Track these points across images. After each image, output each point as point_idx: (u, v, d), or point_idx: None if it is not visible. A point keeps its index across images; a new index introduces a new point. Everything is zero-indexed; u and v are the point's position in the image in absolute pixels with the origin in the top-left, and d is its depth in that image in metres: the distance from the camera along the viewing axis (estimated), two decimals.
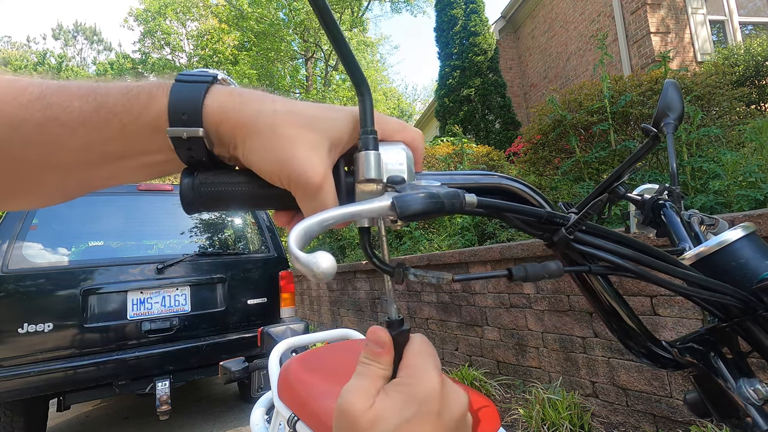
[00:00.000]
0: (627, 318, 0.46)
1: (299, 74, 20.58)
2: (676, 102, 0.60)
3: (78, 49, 29.28)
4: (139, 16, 20.53)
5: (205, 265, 2.95)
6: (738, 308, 0.42)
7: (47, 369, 2.33)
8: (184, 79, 0.30)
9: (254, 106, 0.30)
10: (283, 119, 0.30)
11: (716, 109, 3.48)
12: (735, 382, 0.43)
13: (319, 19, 0.28)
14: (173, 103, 0.29)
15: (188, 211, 0.33)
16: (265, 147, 0.29)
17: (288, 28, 18.38)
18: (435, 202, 0.27)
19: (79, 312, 2.49)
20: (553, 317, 2.41)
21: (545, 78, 9.08)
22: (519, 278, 0.33)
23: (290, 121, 0.30)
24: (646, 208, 0.61)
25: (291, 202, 0.33)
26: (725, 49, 5.72)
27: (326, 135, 0.31)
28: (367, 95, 0.30)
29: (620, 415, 2.09)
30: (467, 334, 3.08)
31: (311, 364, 1.09)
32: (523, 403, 2.42)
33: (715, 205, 2.31)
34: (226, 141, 0.30)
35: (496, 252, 2.68)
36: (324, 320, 5.69)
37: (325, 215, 0.26)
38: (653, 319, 1.91)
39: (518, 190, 0.39)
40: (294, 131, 0.30)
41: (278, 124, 0.30)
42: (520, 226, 0.37)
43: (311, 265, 0.23)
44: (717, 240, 0.45)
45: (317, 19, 0.28)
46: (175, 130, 0.29)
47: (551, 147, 3.89)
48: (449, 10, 9.14)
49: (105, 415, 3.44)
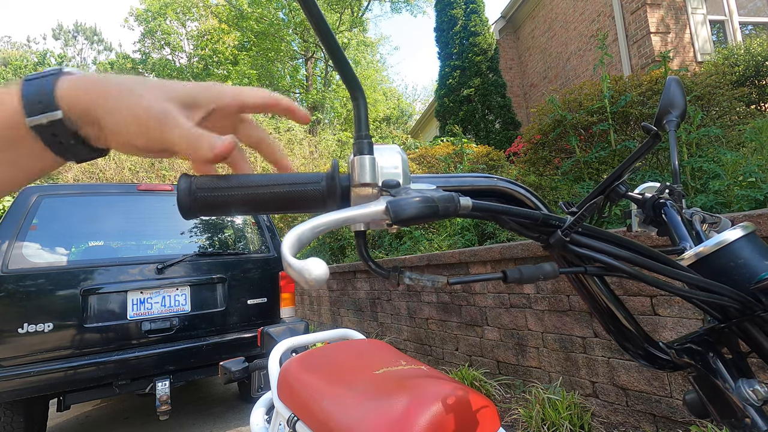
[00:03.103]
0: (624, 319, 0.46)
1: (299, 74, 20.58)
2: (678, 99, 0.59)
3: (78, 49, 29.28)
4: (140, 16, 20.53)
5: (205, 265, 2.95)
6: (736, 309, 0.42)
7: (47, 369, 2.33)
8: (31, 77, 0.32)
9: (104, 80, 0.32)
10: (132, 83, 0.33)
11: (716, 109, 3.48)
12: (734, 383, 0.43)
13: (313, 27, 0.28)
14: (27, 96, 0.30)
15: (186, 217, 0.33)
16: (120, 108, 0.31)
17: (288, 28, 18.38)
18: (429, 206, 0.27)
19: (79, 312, 2.49)
20: (553, 317, 2.41)
21: (545, 78, 9.07)
22: (514, 280, 0.33)
23: (140, 83, 0.33)
24: (647, 207, 0.60)
25: (290, 206, 0.34)
26: (725, 49, 5.71)
27: (175, 93, 0.33)
28: (362, 100, 0.31)
29: (620, 415, 2.09)
30: (467, 334, 3.08)
31: (311, 364, 1.09)
32: (523, 403, 2.42)
33: (715, 205, 2.30)
34: (86, 118, 0.32)
35: (497, 252, 2.68)
36: (324, 320, 5.69)
37: (318, 221, 0.26)
38: (653, 319, 1.91)
39: (514, 192, 0.39)
40: (143, 90, 0.32)
41: (129, 88, 0.32)
42: (515, 229, 0.37)
43: (303, 272, 0.23)
44: (716, 240, 0.45)
45: (311, 26, 0.28)
46: (35, 119, 0.30)
47: (551, 147, 3.88)
48: (449, 10, 9.14)
49: (105, 415, 3.44)
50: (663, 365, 0.47)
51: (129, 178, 8.58)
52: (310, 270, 0.23)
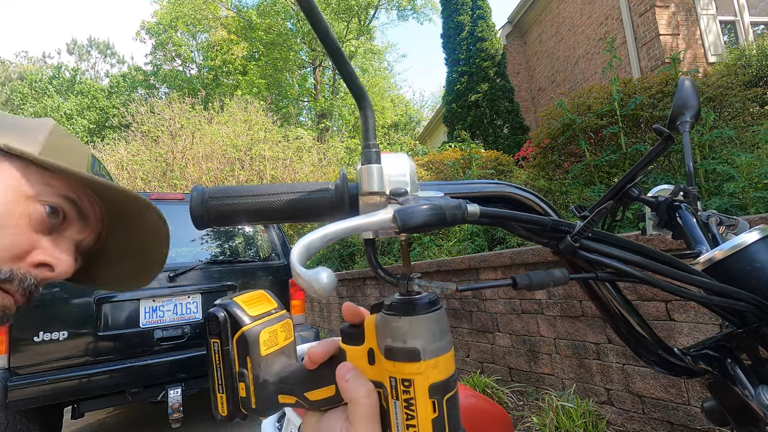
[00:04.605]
0: (637, 325, 0.45)
1: (307, 83, 20.79)
2: (692, 99, 0.58)
3: (92, 63, 29.96)
4: (151, 29, 20.97)
5: (215, 272, 2.97)
6: (754, 314, 0.41)
7: (62, 377, 2.35)
8: None
9: None
10: None
11: (729, 110, 3.42)
12: (753, 390, 0.41)
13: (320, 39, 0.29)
14: None
15: (198, 227, 0.34)
16: None
17: (296, 37, 18.61)
18: (437, 213, 0.27)
19: (93, 320, 2.52)
20: (566, 323, 2.38)
21: (553, 82, 9.04)
22: (523, 286, 0.32)
23: None
24: (661, 209, 0.59)
25: (299, 215, 0.34)
26: (737, 49, 5.64)
27: None
28: (369, 110, 0.31)
29: (636, 423, 2.04)
30: (478, 341, 3.05)
31: None
32: (536, 411, 2.38)
33: (730, 208, 2.26)
34: None
35: (507, 257, 2.66)
36: (334, 327, 5.69)
37: (327, 230, 0.26)
38: (669, 325, 1.87)
39: (522, 198, 0.39)
40: None
41: None
42: (524, 235, 0.37)
43: (312, 281, 0.24)
44: (732, 243, 0.44)
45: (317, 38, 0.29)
46: None
47: (560, 151, 3.86)
48: (456, 16, 9.18)
49: (118, 423, 3.46)
50: (679, 372, 0.46)
51: (141, 187, 8.72)
52: (319, 279, 0.24)
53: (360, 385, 0.30)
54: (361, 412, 0.30)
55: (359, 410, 0.30)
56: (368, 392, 0.30)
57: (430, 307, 0.29)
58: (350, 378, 0.30)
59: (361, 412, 0.30)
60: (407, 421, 0.28)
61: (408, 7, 19.65)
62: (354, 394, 0.30)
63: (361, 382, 0.30)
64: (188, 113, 10.56)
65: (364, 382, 0.30)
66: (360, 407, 0.30)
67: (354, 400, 0.30)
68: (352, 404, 0.30)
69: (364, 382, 0.30)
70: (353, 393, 0.30)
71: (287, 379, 0.35)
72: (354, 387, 0.30)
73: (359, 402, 0.30)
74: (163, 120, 10.41)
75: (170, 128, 10.16)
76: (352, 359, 0.32)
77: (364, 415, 0.30)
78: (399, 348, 0.28)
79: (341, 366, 0.31)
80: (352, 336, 0.32)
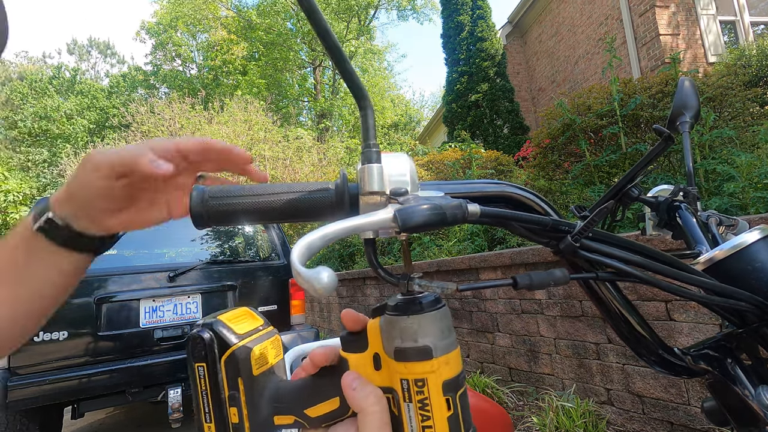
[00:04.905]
0: (637, 325, 0.45)
1: (307, 83, 20.79)
2: (692, 100, 0.59)
3: (92, 63, 29.95)
4: (151, 29, 20.98)
5: (215, 272, 2.97)
6: (754, 314, 0.41)
7: (62, 377, 2.35)
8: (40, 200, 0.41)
9: None
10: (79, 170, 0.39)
11: (729, 110, 3.42)
12: (754, 390, 0.42)
13: (320, 39, 0.29)
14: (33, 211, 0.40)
15: (198, 226, 0.34)
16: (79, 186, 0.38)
17: (296, 37, 18.62)
18: (437, 213, 0.27)
19: (93, 320, 2.52)
20: (566, 323, 2.38)
21: (553, 82, 9.04)
22: (524, 286, 0.32)
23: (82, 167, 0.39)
24: (660, 210, 0.59)
25: (299, 214, 0.34)
26: (737, 49, 5.64)
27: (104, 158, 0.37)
28: (369, 110, 0.31)
29: (636, 423, 2.04)
30: (478, 341, 3.05)
31: None
32: (536, 411, 2.38)
33: (730, 208, 2.26)
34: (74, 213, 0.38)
35: (507, 257, 2.66)
36: (334, 327, 5.69)
37: (327, 230, 0.26)
38: (669, 325, 1.87)
39: (523, 197, 0.39)
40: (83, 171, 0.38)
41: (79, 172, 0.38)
42: (525, 235, 0.37)
43: (312, 281, 0.23)
44: (732, 243, 0.44)
45: (318, 38, 0.29)
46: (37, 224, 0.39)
47: (560, 151, 3.86)
48: (456, 16, 9.18)
49: (118, 422, 3.46)
50: (679, 372, 0.46)
51: None
52: (320, 278, 0.24)
53: (369, 392, 0.29)
54: (373, 421, 0.28)
55: (370, 419, 0.28)
56: (378, 399, 0.29)
57: (436, 304, 0.29)
58: (357, 386, 0.29)
59: (373, 420, 0.28)
60: (423, 422, 0.27)
61: (408, 7, 19.66)
62: (363, 403, 0.29)
63: (369, 389, 0.29)
64: (188, 113, 10.57)
65: (373, 389, 0.29)
66: (371, 416, 0.28)
67: (364, 408, 0.29)
68: (362, 414, 0.29)
69: (373, 389, 0.29)
70: (362, 401, 0.29)
71: (283, 398, 0.33)
72: (363, 395, 0.29)
73: (369, 410, 0.28)
74: (163, 120, 10.42)
75: (170, 128, 10.16)
76: (356, 367, 0.31)
77: (376, 424, 0.28)
78: (410, 348, 0.28)
79: (347, 375, 0.30)
80: (355, 343, 0.31)
